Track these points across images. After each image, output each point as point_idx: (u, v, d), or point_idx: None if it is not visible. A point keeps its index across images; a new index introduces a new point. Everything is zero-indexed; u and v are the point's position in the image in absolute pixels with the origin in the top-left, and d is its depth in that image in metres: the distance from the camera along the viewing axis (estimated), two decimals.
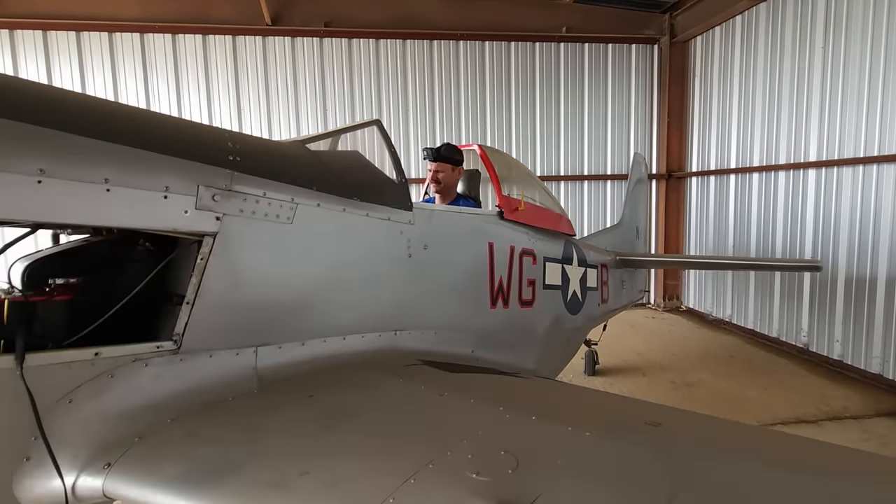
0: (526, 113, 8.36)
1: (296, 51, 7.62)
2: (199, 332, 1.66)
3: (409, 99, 8.02)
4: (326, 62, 7.72)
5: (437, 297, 2.66)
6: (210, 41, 7.40)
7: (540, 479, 1.14)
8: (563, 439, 1.33)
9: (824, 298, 5.81)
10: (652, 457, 1.26)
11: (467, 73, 8.12)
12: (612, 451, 1.29)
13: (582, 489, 1.12)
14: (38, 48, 6.97)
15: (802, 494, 1.15)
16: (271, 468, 1.28)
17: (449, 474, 1.18)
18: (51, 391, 1.36)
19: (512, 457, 1.24)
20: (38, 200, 1.34)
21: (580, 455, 1.25)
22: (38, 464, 1.34)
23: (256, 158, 1.91)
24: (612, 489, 1.13)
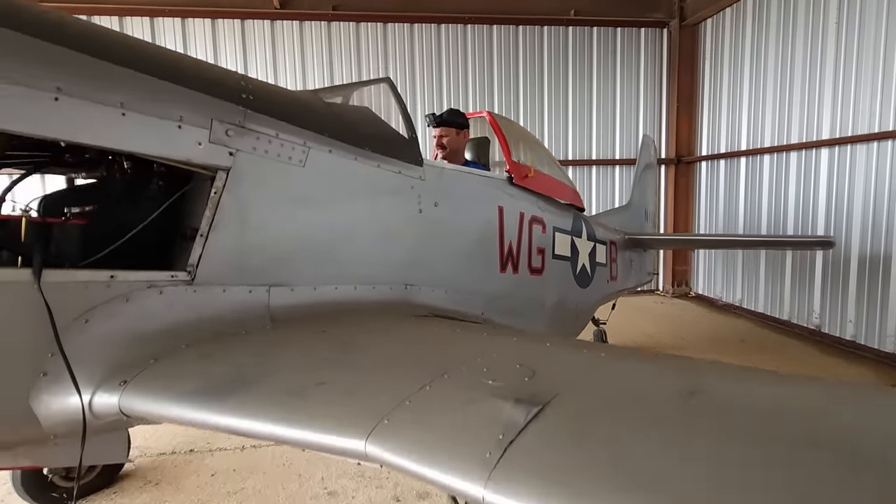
0: (534, 98, 8.32)
1: (304, 35, 7.64)
2: (213, 265, 1.67)
3: (417, 84, 8.01)
4: (334, 46, 7.73)
5: (447, 256, 2.66)
6: (219, 25, 7.43)
7: (557, 384, 1.13)
8: (579, 357, 1.32)
9: (836, 279, 5.73)
10: (670, 368, 1.24)
11: (475, 57, 8.09)
12: (630, 365, 1.28)
13: (600, 391, 1.11)
14: None
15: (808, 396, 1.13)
16: (287, 381, 1.28)
17: (464, 382, 1.18)
18: (67, 309, 1.37)
19: (528, 368, 1.23)
20: (54, 117, 1.35)
21: (598, 368, 1.24)
22: (54, 379, 1.36)
23: (269, 99, 1.92)
24: (630, 391, 1.11)
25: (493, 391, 1.10)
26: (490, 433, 0.94)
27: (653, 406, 1.00)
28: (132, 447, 3.28)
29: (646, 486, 0.76)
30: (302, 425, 1.10)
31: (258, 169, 1.80)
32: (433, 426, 1.01)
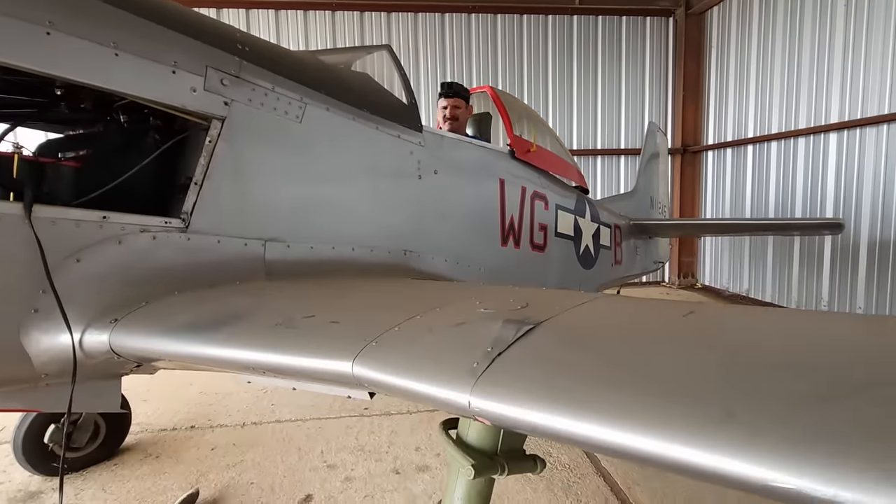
0: (538, 87, 8.29)
1: (308, 25, 7.65)
2: (207, 214, 1.66)
3: (421, 73, 8.00)
4: (338, 36, 7.74)
5: (447, 224, 2.64)
6: (224, 16, 7.46)
7: (551, 311, 1.10)
8: (574, 296, 1.29)
9: (846, 265, 5.65)
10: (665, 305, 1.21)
11: (479, 46, 8.07)
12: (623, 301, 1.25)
13: (594, 316, 1.08)
14: None
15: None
16: (276, 314, 1.26)
17: (457, 312, 1.15)
18: (59, 247, 1.36)
19: (522, 300, 1.20)
20: (46, 50, 1.34)
21: (592, 302, 1.21)
22: (45, 316, 1.35)
23: (266, 53, 1.90)
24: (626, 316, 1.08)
25: (485, 315, 1.07)
26: (479, 347, 0.91)
27: (648, 322, 0.97)
28: (133, 423, 3.30)
29: (636, 381, 0.73)
30: (290, 351, 1.08)
31: (254, 121, 1.79)
32: (421, 345, 0.99)
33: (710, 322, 0.94)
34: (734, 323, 0.94)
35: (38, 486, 2.80)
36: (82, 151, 1.56)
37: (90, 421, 2.78)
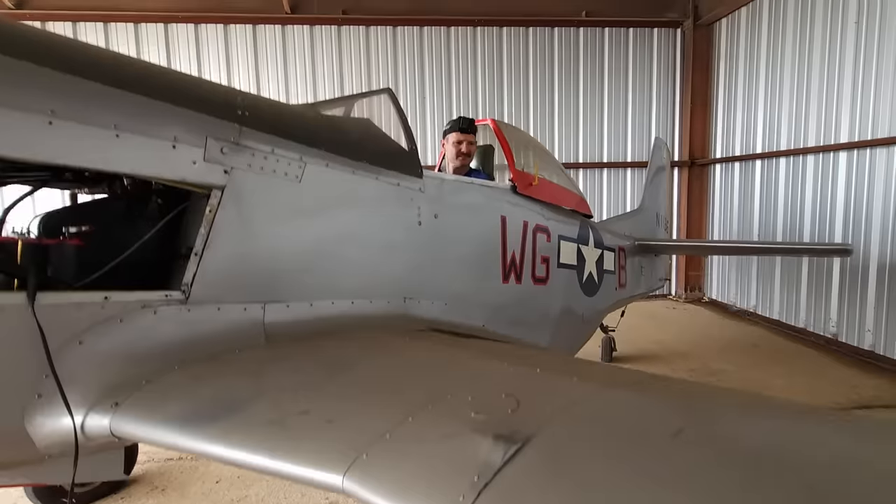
0: (545, 99, 8.26)
1: (314, 39, 7.69)
2: (208, 283, 1.68)
3: (427, 86, 8.00)
4: (344, 50, 7.77)
5: (447, 267, 2.64)
6: (231, 30, 7.52)
7: (540, 418, 1.11)
8: (567, 387, 1.29)
9: (854, 286, 5.58)
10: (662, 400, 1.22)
11: (485, 59, 8.06)
12: (618, 397, 1.25)
13: (581, 429, 1.09)
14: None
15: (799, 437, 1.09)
16: (272, 407, 1.28)
17: (447, 414, 1.16)
18: (61, 331, 1.39)
19: (513, 399, 1.21)
20: (49, 141, 1.36)
21: (583, 399, 1.21)
22: (48, 401, 1.38)
23: (265, 115, 1.92)
24: (613, 428, 1.09)
25: (475, 425, 1.08)
26: (466, 475, 0.92)
27: (636, 446, 0.97)
28: (140, 452, 3.35)
29: None
30: (282, 457, 1.10)
31: (254, 185, 1.81)
32: (410, 464, 1.00)
33: (704, 453, 0.93)
34: (732, 455, 0.92)
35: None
36: (83, 228, 1.59)
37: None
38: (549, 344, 3.53)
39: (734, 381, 4.88)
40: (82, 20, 7.17)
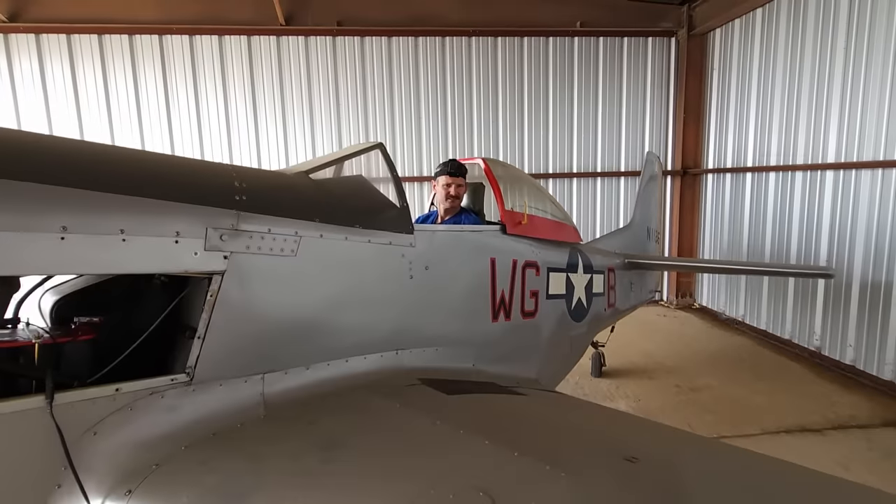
0: (538, 109, 8.31)
1: (309, 50, 7.70)
2: (210, 363, 1.79)
3: (422, 96, 8.04)
4: (339, 61, 7.79)
5: (437, 315, 2.75)
6: (226, 42, 7.53)
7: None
8: (538, 479, 1.43)
9: (838, 302, 5.74)
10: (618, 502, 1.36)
11: (479, 69, 8.09)
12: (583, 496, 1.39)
13: None
14: (62, 51, 7.19)
15: None
16: (272, 500, 1.42)
17: None
18: (77, 425, 1.52)
19: (489, 498, 1.34)
20: (61, 255, 1.47)
21: (552, 499, 1.35)
22: (67, 490, 1.50)
23: (261, 196, 2.01)
24: None
25: None
26: None
27: None
28: None
29: None
30: None
31: (252, 266, 1.91)
32: None
33: None
34: None
35: None
36: (94, 320, 1.71)
37: None
38: (537, 372, 3.66)
39: (717, 397, 5.06)
40: (76, 32, 7.17)
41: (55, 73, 7.21)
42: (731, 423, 4.44)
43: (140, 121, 7.54)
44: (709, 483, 1.60)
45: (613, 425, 2.23)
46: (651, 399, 5.06)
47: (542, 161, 8.38)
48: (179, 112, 7.60)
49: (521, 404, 2.40)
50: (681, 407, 4.86)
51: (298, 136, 7.88)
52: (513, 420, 2.15)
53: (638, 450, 1.76)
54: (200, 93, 7.63)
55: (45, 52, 7.16)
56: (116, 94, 7.42)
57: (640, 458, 1.68)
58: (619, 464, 1.61)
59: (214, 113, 7.70)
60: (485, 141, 8.21)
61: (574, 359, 4.59)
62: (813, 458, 3.78)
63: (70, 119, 7.33)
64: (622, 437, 2.02)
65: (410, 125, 8.02)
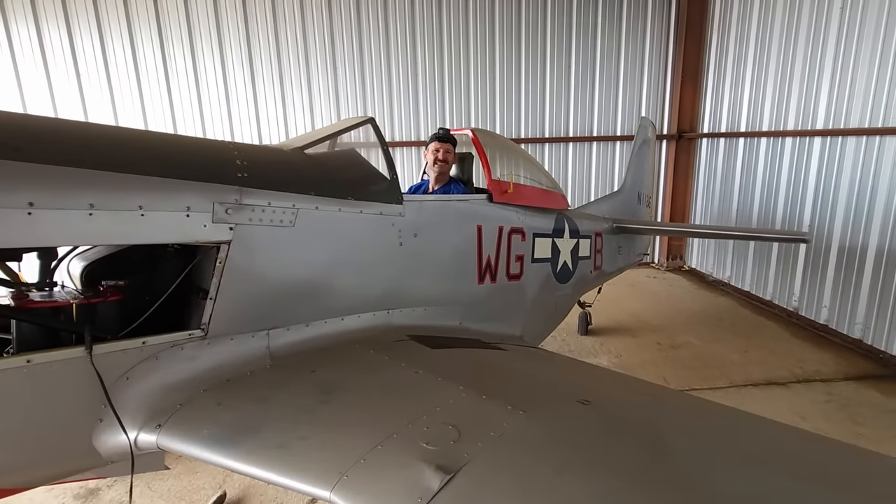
0: (535, 71, 8.28)
1: (304, 12, 7.62)
2: (222, 320, 2.07)
3: (418, 60, 8.01)
4: (335, 21, 7.71)
5: (426, 279, 3.00)
6: (221, 4, 7.45)
7: (473, 448, 1.54)
8: (500, 417, 1.72)
9: (817, 265, 5.98)
10: (563, 435, 1.64)
11: (475, 30, 8.00)
12: (535, 429, 1.68)
13: (503, 457, 1.51)
14: (57, 13, 7.15)
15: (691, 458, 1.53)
16: (278, 433, 1.71)
17: (407, 444, 1.59)
18: (112, 371, 1.80)
19: (456, 430, 1.64)
20: (89, 228, 1.71)
21: (509, 431, 1.63)
22: (108, 424, 1.81)
23: (261, 172, 2.23)
24: (525, 457, 1.52)
25: (424, 455, 1.51)
26: (413, 497, 1.36)
27: (548, 476, 1.39)
28: None
29: None
30: (287, 475, 1.54)
31: (254, 236, 2.15)
32: (378, 485, 1.44)
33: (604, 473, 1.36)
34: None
35: (96, 484, 3.43)
36: (120, 283, 1.96)
37: None
38: (521, 330, 3.95)
39: (695, 354, 5.40)
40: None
41: (53, 38, 7.21)
42: (703, 378, 4.78)
43: (139, 86, 7.60)
44: (643, 418, 1.89)
45: (577, 375, 2.52)
46: (632, 355, 5.40)
47: (539, 126, 8.42)
48: (177, 77, 7.64)
49: (498, 358, 2.69)
50: (660, 362, 5.20)
51: (297, 103, 7.93)
52: (488, 371, 2.45)
53: (593, 395, 2.05)
54: (198, 55, 7.62)
55: (41, 13, 7.12)
56: (114, 58, 7.43)
57: (592, 401, 1.97)
58: (572, 405, 1.90)
59: (212, 74, 7.72)
60: (482, 105, 8.23)
61: (559, 317, 4.89)
62: (773, 408, 4.14)
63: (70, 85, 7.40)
64: (583, 385, 2.31)
65: (407, 90, 8.03)
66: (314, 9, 7.65)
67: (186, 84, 7.70)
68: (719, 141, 7.90)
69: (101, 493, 3.36)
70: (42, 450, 1.76)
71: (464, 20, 7.96)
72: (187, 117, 7.76)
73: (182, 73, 7.62)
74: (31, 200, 1.58)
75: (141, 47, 7.47)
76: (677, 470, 1.50)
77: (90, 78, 7.44)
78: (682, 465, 1.53)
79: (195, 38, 7.55)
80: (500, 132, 8.15)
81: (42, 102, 7.36)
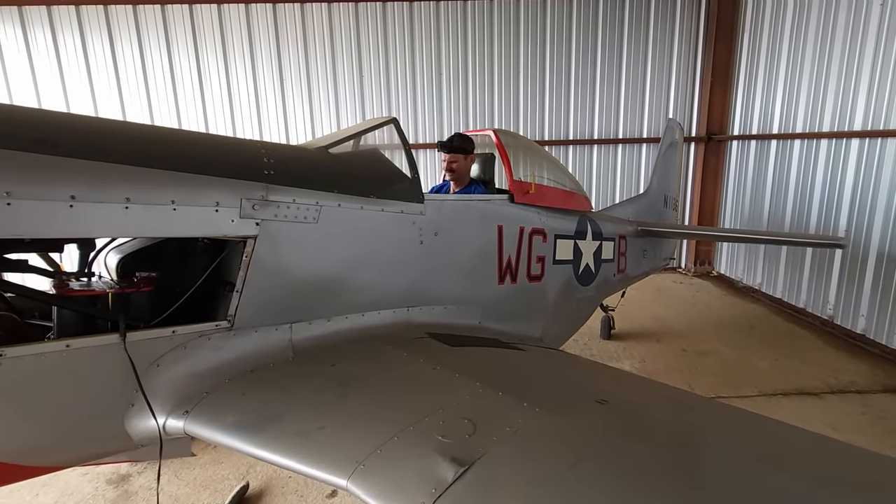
0: (561, 73, 8.23)
1: (332, 19, 7.80)
2: (247, 313, 2.14)
3: (443, 62, 8.08)
4: (362, 29, 7.87)
5: (446, 277, 3.02)
6: (253, 10, 7.70)
7: (488, 442, 1.55)
8: (516, 413, 1.72)
9: (854, 272, 5.74)
10: (579, 432, 1.63)
11: (500, 33, 8.03)
12: (551, 425, 1.68)
13: (518, 451, 1.52)
14: (101, 24, 7.51)
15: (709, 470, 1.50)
16: (298, 421, 1.76)
17: (423, 436, 1.61)
18: (144, 358, 1.89)
19: (472, 424, 1.65)
20: (125, 221, 1.80)
21: (525, 427, 1.64)
22: (139, 409, 1.89)
23: (287, 170, 2.30)
24: (540, 452, 1.52)
25: (439, 447, 1.53)
26: (427, 487, 1.37)
27: (563, 472, 1.39)
28: None
29: None
30: (306, 462, 1.58)
31: (279, 231, 2.22)
32: (393, 475, 1.46)
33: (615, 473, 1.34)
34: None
35: (127, 470, 3.58)
36: (153, 274, 2.06)
37: None
38: (542, 331, 3.93)
39: (722, 362, 5.25)
40: (113, 3, 7.44)
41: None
42: (730, 385, 4.65)
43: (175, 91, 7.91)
44: (664, 420, 1.86)
45: (597, 377, 2.49)
46: (656, 361, 5.29)
47: (563, 128, 8.37)
48: (210, 82, 7.92)
49: (517, 357, 2.68)
50: (684, 369, 5.08)
51: (323, 103, 8.09)
52: (505, 369, 2.45)
53: (612, 396, 2.04)
54: (230, 62, 7.88)
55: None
56: (151, 65, 7.76)
57: (611, 401, 1.95)
58: (589, 404, 1.89)
59: (243, 81, 7.96)
60: (505, 107, 8.23)
61: (580, 320, 4.83)
62: (804, 418, 3.99)
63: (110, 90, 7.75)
64: (602, 386, 2.29)
65: (431, 92, 8.10)
66: (341, 16, 7.81)
67: (219, 89, 7.96)
68: (750, 143, 7.68)
69: (132, 479, 3.49)
70: (78, 431, 1.85)
71: (488, 23, 7.98)
72: (219, 120, 8.02)
73: (215, 79, 7.89)
74: (73, 194, 1.68)
75: (177, 57, 7.77)
76: (698, 474, 1.47)
77: (129, 83, 7.78)
78: (704, 471, 1.50)
79: (228, 46, 7.81)
80: (524, 134, 8.13)
81: (85, 105, 7.73)
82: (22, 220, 1.62)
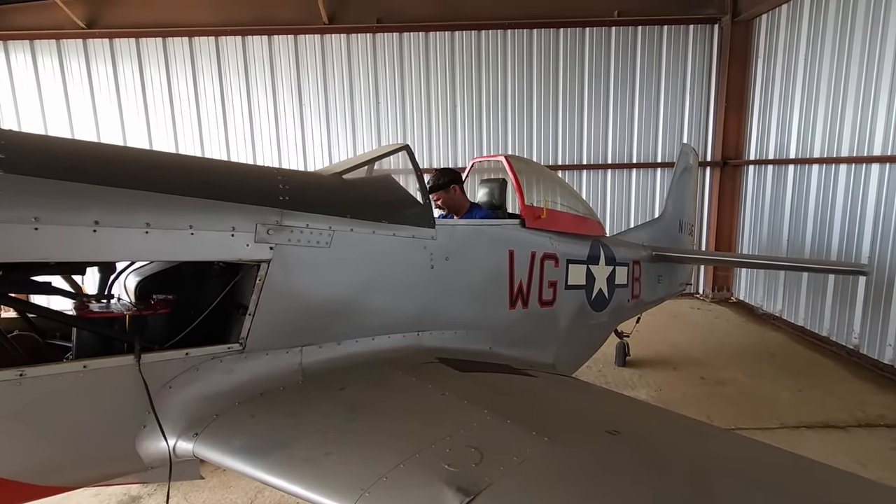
0: (574, 100, 8.33)
1: (351, 47, 8.08)
2: (259, 335, 2.17)
3: (457, 89, 8.26)
4: (379, 56, 8.11)
5: (456, 302, 3.02)
6: (275, 41, 8.02)
7: (495, 472, 1.53)
8: (524, 442, 1.69)
9: (879, 299, 5.57)
10: (589, 464, 1.60)
11: (514, 62, 8.20)
12: (559, 455, 1.65)
13: (525, 482, 1.49)
14: (132, 54, 7.92)
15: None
16: (306, 447, 1.76)
17: (429, 464, 1.59)
18: (157, 379, 1.92)
19: (478, 453, 1.63)
20: (145, 245, 1.86)
21: (532, 457, 1.61)
22: (151, 430, 1.92)
23: (301, 195, 2.35)
24: (546, 484, 1.49)
25: (446, 476, 1.51)
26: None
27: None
28: None
29: None
30: (312, 489, 1.57)
31: (292, 256, 2.26)
32: (398, 503, 1.45)
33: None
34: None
35: (138, 492, 3.58)
36: (169, 297, 2.11)
37: None
38: (553, 357, 3.87)
39: (742, 391, 5.09)
40: (143, 36, 7.85)
41: (125, 74, 7.96)
42: (750, 417, 4.49)
43: (199, 118, 8.22)
44: (679, 452, 1.81)
45: (609, 406, 2.44)
46: (672, 390, 5.15)
47: (577, 153, 8.42)
48: (233, 109, 8.21)
49: (527, 384, 2.65)
50: (702, 398, 4.94)
51: (340, 129, 8.31)
52: (515, 396, 2.42)
53: (624, 426, 1.99)
54: (252, 89, 8.18)
55: (118, 55, 7.90)
56: (178, 93, 8.10)
57: (623, 432, 1.91)
58: (599, 434, 1.85)
59: (264, 107, 8.24)
60: (519, 132, 8.34)
61: (594, 347, 4.75)
62: (829, 453, 3.82)
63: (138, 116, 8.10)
64: (614, 415, 2.24)
65: (446, 118, 8.27)
66: (359, 46, 8.08)
67: (241, 117, 8.26)
68: (767, 168, 7.61)
69: (143, 501, 3.50)
70: (90, 451, 1.88)
71: (502, 50, 8.17)
72: (240, 147, 8.28)
73: (238, 107, 8.20)
74: (96, 219, 1.75)
75: (202, 85, 8.11)
76: None
77: (156, 111, 8.12)
78: None
79: (250, 74, 8.12)
80: (538, 159, 8.20)
81: (114, 132, 8.08)
82: (48, 245, 1.69)
